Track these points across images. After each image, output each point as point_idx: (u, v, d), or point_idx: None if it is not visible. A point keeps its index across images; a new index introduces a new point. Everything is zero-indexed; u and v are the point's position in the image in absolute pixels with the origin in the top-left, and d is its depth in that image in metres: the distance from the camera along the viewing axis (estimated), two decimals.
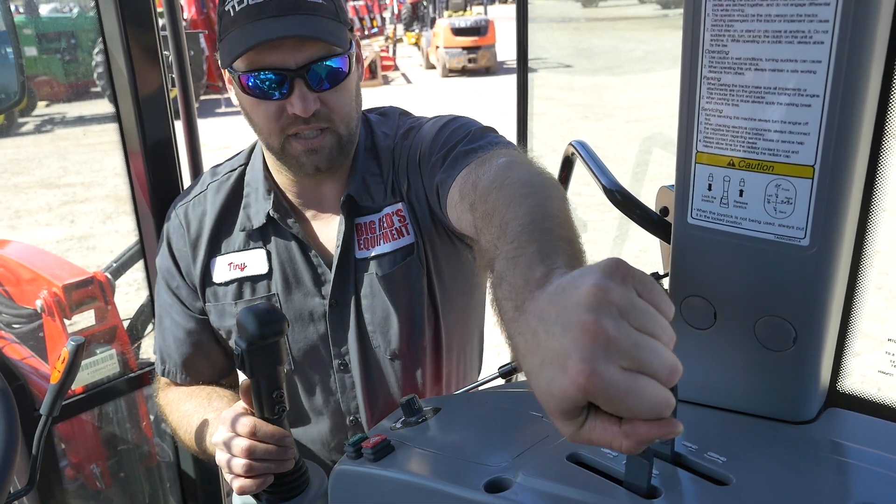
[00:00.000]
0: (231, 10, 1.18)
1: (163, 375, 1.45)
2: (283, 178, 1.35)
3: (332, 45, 1.18)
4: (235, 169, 1.41)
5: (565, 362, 0.53)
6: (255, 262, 1.35)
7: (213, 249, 1.37)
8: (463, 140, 1.21)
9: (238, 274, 1.35)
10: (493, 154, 1.09)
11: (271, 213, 1.32)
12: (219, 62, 1.27)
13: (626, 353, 0.52)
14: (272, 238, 1.35)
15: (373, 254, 1.32)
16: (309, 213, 1.37)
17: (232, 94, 1.29)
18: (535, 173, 0.95)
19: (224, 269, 1.36)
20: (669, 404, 0.52)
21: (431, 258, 1.34)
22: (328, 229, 1.35)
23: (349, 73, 1.22)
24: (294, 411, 1.42)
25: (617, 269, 0.55)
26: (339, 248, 1.31)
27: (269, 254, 1.34)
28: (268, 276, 1.35)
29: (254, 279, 1.35)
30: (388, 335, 1.34)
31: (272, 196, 1.33)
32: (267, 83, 1.17)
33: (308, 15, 1.16)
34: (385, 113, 1.44)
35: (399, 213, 1.32)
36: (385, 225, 1.32)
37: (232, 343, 1.39)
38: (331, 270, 1.32)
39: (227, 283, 1.36)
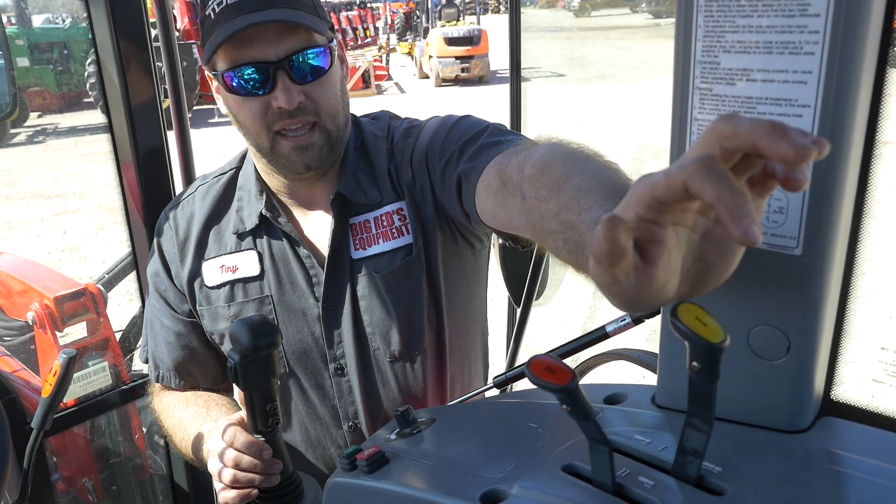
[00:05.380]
0: (211, 14, 1.18)
1: (157, 381, 1.45)
2: (273, 180, 1.34)
3: (311, 34, 1.19)
4: (226, 172, 1.41)
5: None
6: (246, 263, 1.34)
7: (203, 252, 1.36)
8: (484, 133, 1.19)
9: (230, 276, 1.34)
10: (529, 143, 1.07)
11: (264, 212, 1.31)
12: (208, 69, 1.26)
13: None
14: (265, 239, 1.34)
15: (370, 253, 1.31)
16: (300, 214, 1.36)
17: (220, 102, 1.29)
18: (594, 153, 0.93)
19: (216, 271, 1.35)
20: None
21: (433, 258, 1.32)
22: (320, 230, 1.34)
23: (332, 66, 1.23)
24: (291, 417, 1.42)
25: None
26: (330, 248, 1.30)
27: (260, 255, 1.33)
28: (260, 277, 1.34)
29: (246, 281, 1.34)
30: (387, 337, 1.32)
31: (264, 196, 1.32)
32: (250, 79, 1.17)
33: (285, 8, 1.17)
34: (376, 117, 1.44)
35: (400, 212, 1.31)
36: (384, 223, 1.31)
37: (224, 348, 1.38)
38: (323, 271, 1.31)
39: (219, 287, 1.35)
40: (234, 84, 1.19)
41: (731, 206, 0.47)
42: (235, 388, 1.17)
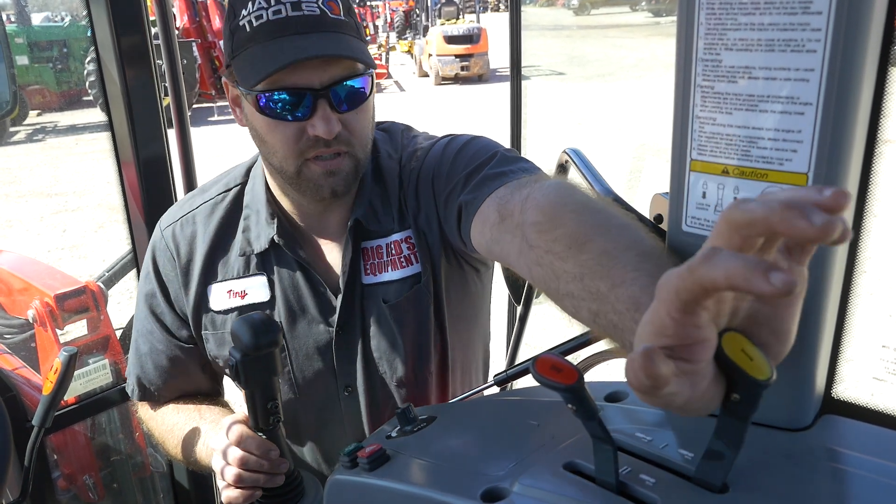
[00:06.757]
0: (247, 26, 1.10)
1: (142, 400, 1.41)
2: (287, 201, 1.29)
3: (359, 64, 1.13)
4: (231, 189, 1.34)
5: None
6: (256, 289, 1.28)
7: (209, 275, 1.30)
8: (490, 162, 1.14)
9: (238, 302, 1.29)
10: (532, 178, 1.03)
11: (276, 238, 1.25)
12: (230, 79, 1.19)
13: None
14: (274, 264, 1.28)
15: (380, 280, 1.27)
16: (311, 239, 1.31)
17: (239, 113, 1.22)
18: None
19: (223, 296, 1.29)
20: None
21: (440, 285, 1.29)
22: (333, 254, 1.30)
23: (371, 94, 1.18)
24: (297, 434, 1.40)
25: None
26: (347, 275, 1.26)
27: (271, 281, 1.28)
28: (270, 304, 1.29)
29: (255, 308, 1.28)
30: (393, 363, 1.30)
31: (276, 221, 1.26)
32: (288, 104, 1.11)
33: (333, 33, 1.11)
34: (389, 129, 1.37)
35: (408, 241, 1.26)
36: (393, 252, 1.27)
37: (227, 371, 1.35)
38: (337, 297, 1.27)
39: (226, 312, 1.29)
40: (270, 106, 1.11)
41: (744, 273, 0.45)
42: (231, 389, 1.17)
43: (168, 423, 1.36)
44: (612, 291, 0.68)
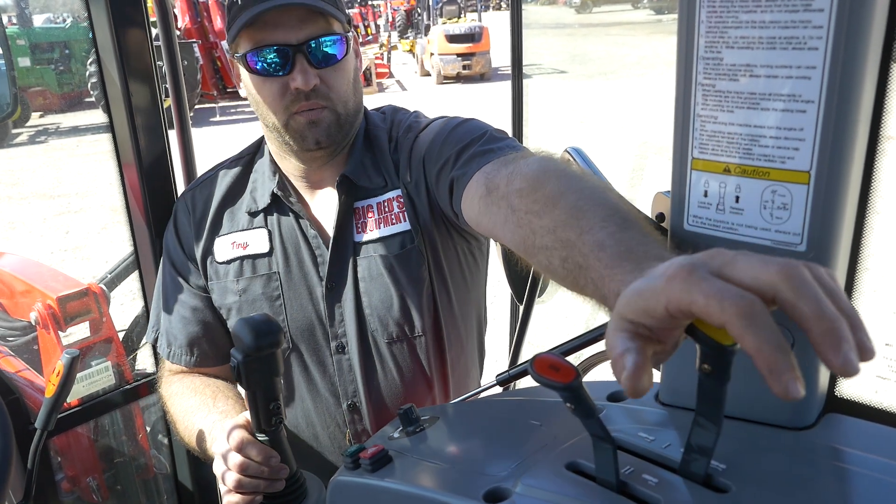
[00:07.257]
0: (238, 0, 1.27)
1: (168, 359, 1.48)
2: (286, 163, 1.41)
3: (330, 23, 1.27)
4: (244, 157, 1.49)
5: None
6: (257, 240, 1.40)
7: (216, 229, 1.43)
8: (480, 140, 1.23)
9: (240, 252, 1.41)
10: (519, 154, 1.10)
11: (275, 190, 1.38)
12: (231, 52, 1.34)
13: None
14: (275, 217, 1.40)
15: (372, 237, 1.36)
16: (309, 197, 1.43)
17: (241, 87, 1.37)
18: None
19: (227, 247, 1.42)
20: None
21: (437, 250, 1.37)
22: (327, 211, 1.40)
23: (346, 55, 1.31)
24: (292, 393, 1.45)
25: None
26: (336, 228, 1.36)
27: (270, 233, 1.40)
28: (269, 254, 1.40)
29: (255, 257, 1.40)
30: (384, 319, 1.37)
31: (277, 176, 1.40)
32: (271, 62, 1.26)
33: None
34: (382, 111, 1.52)
35: (399, 200, 1.36)
36: (386, 209, 1.37)
37: (231, 323, 1.43)
38: (328, 251, 1.36)
39: (228, 262, 1.41)
40: (257, 66, 1.27)
41: (772, 362, 0.47)
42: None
43: (183, 406, 1.41)
44: (580, 238, 0.74)
